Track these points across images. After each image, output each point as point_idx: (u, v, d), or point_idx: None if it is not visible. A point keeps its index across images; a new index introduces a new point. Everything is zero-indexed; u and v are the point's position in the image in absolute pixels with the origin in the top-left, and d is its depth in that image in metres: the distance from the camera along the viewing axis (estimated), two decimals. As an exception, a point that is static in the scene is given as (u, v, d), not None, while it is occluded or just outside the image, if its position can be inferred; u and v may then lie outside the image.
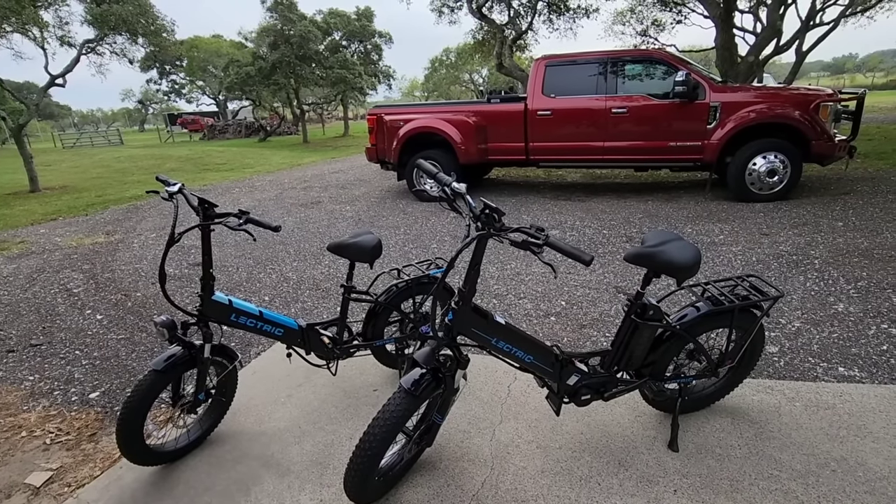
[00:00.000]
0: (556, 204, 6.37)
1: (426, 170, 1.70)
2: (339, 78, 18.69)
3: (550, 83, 6.43)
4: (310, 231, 5.80)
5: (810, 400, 2.16)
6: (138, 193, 9.53)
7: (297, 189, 9.00)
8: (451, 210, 1.61)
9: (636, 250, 1.70)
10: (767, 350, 2.63)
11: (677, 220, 5.19)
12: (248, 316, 2.01)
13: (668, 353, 1.89)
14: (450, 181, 1.62)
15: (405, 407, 1.52)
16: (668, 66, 5.96)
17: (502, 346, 1.63)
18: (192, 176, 11.98)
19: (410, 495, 1.77)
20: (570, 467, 1.86)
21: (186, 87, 37.23)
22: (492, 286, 3.77)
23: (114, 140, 30.08)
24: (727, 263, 3.89)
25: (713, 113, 5.64)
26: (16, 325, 3.56)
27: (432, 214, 6.20)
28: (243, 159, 14.94)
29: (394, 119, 7.14)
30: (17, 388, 2.71)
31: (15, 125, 10.15)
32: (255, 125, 25.34)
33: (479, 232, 1.46)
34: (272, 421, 2.26)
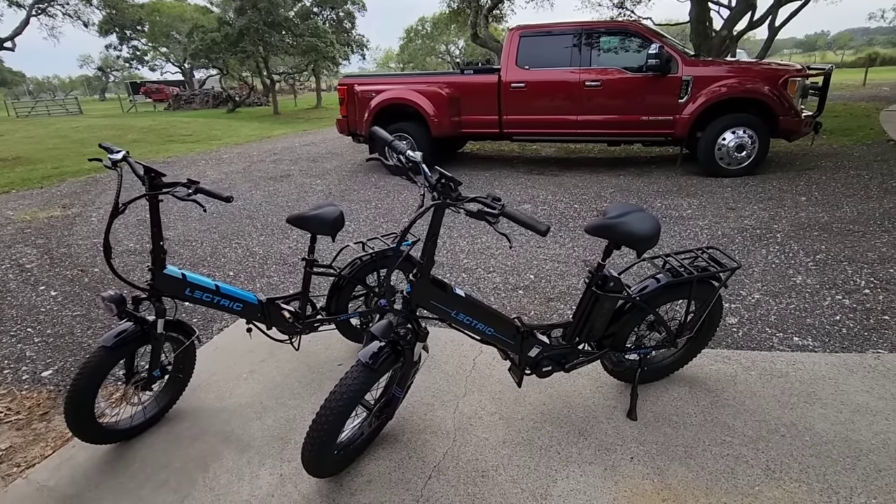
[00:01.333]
0: (530, 178, 6.36)
1: (381, 137, 1.65)
2: (310, 46, 18.04)
3: (525, 54, 6.33)
4: (278, 205, 5.66)
5: (765, 369, 2.22)
6: (98, 166, 9.11)
7: (266, 162, 8.75)
8: (407, 180, 1.56)
9: (597, 222, 1.69)
10: (727, 321, 2.69)
11: (648, 195, 5.23)
12: (204, 290, 1.94)
13: (629, 324, 1.91)
14: (405, 149, 1.57)
15: (362, 381, 1.50)
16: (642, 38, 5.92)
17: (462, 319, 1.61)
18: (155, 147, 11.54)
19: (372, 468, 1.76)
20: (531, 437, 1.88)
21: (149, 53, 35.57)
22: (461, 260, 3.75)
23: (72, 109, 28.68)
24: (693, 237, 3.95)
25: (685, 87, 5.66)
26: None
27: (404, 188, 6.11)
28: (210, 130, 14.44)
29: (365, 90, 6.95)
30: (-36, 367, 2.59)
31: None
32: (224, 95, 24.43)
33: (435, 202, 1.42)
34: (233, 397, 2.22)
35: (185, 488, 1.71)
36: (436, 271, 3.58)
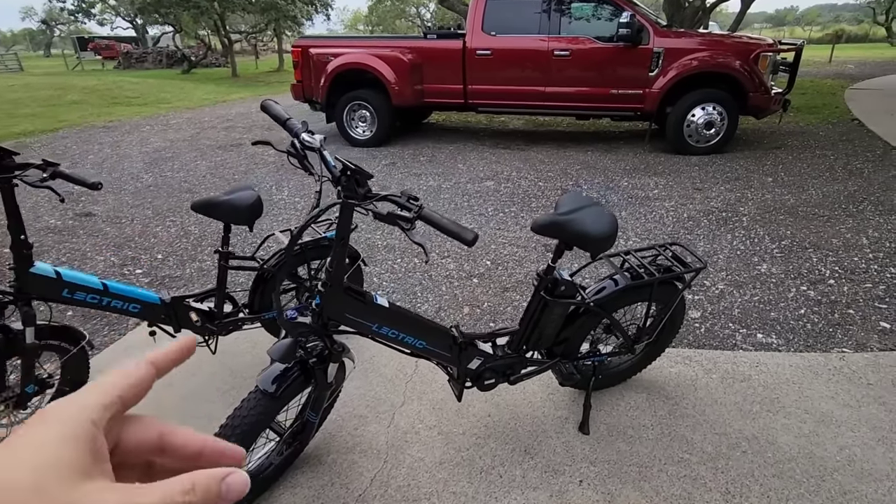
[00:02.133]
0: (495, 153, 6.08)
1: (274, 114, 1.35)
2: (270, 4, 16.90)
3: (491, 19, 5.94)
4: (224, 178, 5.24)
5: (727, 371, 2.08)
6: (30, 129, 8.37)
7: (217, 129, 8.18)
8: (301, 168, 1.28)
9: (545, 218, 1.45)
10: (690, 315, 2.53)
11: (614, 173, 5.04)
12: (88, 291, 1.63)
13: (583, 330, 1.70)
14: (299, 130, 1.28)
15: (262, 409, 1.25)
16: (614, 6, 5.61)
17: (386, 332, 1.36)
18: (97, 110, 10.71)
19: (287, 498, 1.53)
20: (472, 456, 1.68)
21: (97, 6, 33.00)
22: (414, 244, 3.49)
23: (12, 66, 26.60)
24: (659, 220, 3.78)
25: (656, 59, 5.42)
26: None
27: (362, 161, 5.73)
28: (160, 93, 13.52)
29: (321, 53, 6.45)
30: None
31: None
32: (178, 55, 22.94)
33: (340, 199, 1.14)
34: (137, 408, 1.93)
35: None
36: (385, 255, 3.35)
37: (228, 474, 0.28)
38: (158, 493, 0.25)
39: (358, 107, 6.40)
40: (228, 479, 0.27)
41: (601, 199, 4.24)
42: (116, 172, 5.48)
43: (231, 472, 0.28)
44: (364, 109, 6.39)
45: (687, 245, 1.78)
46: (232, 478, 0.28)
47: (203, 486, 0.26)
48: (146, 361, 0.32)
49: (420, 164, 5.61)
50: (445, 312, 2.63)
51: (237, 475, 0.28)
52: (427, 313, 2.63)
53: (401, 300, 2.76)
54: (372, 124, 6.43)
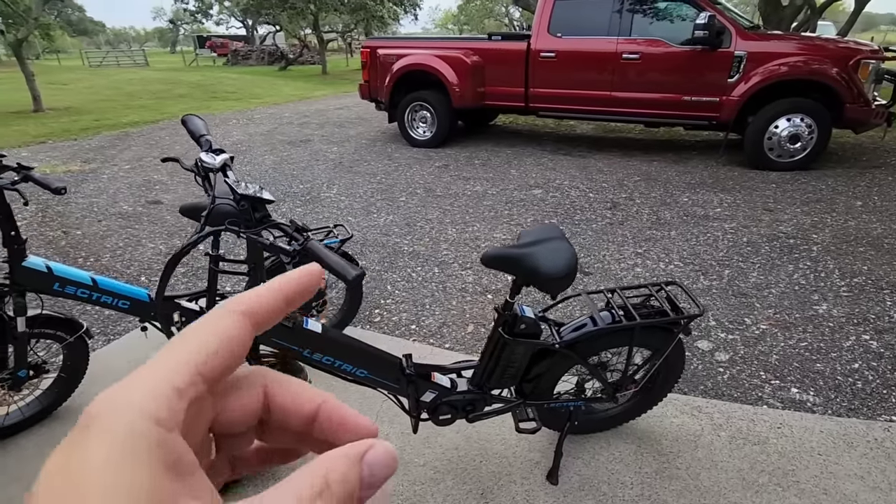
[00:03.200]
0: (553, 159, 5.84)
1: (190, 129, 1.34)
2: (359, 4, 17.54)
3: (558, 21, 5.70)
4: (283, 173, 5.48)
5: (740, 430, 1.81)
6: (137, 120, 9.30)
7: (293, 125, 8.60)
8: (203, 187, 1.25)
9: (496, 251, 1.32)
10: (716, 357, 2.25)
11: (676, 186, 4.65)
12: (77, 285, 1.74)
13: (553, 372, 1.55)
14: (203, 149, 1.25)
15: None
16: (693, 6, 5.16)
17: (319, 360, 1.31)
18: (197, 104, 11.66)
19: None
20: (423, 493, 1.60)
21: (215, 7, 36.13)
22: (441, 251, 3.42)
23: (139, 61, 29.79)
24: (711, 243, 3.42)
25: (737, 64, 4.91)
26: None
27: (417, 163, 5.77)
28: (253, 88, 14.49)
29: (388, 54, 6.56)
30: None
31: (14, 40, 9.89)
32: (278, 52, 24.49)
33: (216, 227, 1.09)
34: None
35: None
36: (407, 261, 3.31)
37: (368, 449, 0.20)
38: None
39: (419, 107, 6.43)
40: (369, 458, 0.20)
41: (653, 218, 3.92)
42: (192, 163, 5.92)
43: (371, 446, 0.20)
44: (425, 110, 6.41)
45: (686, 286, 1.55)
46: (373, 454, 0.20)
47: (339, 476, 0.19)
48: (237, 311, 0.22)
49: (473, 167, 5.52)
50: (448, 329, 2.54)
51: (379, 448, 0.20)
52: (430, 328, 2.56)
53: (407, 311, 2.70)
54: (432, 125, 6.43)
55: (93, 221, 4.11)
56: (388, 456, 0.20)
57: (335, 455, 0.19)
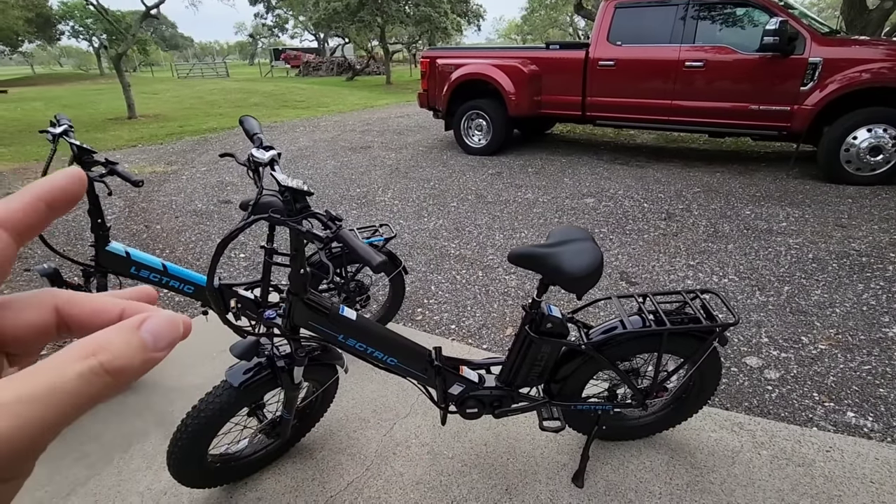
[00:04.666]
0: (609, 168, 5.74)
1: (246, 128, 1.46)
2: (424, 16, 18.00)
3: (618, 29, 5.62)
4: (343, 177, 5.73)
5: (783, 450, 1.73)
6: (215, 126, 10.01)
7: (355, 132, 8.95)
8: (253, 180, 1.36)
9: (522, 249, 1.36)
10: (765, 375, 2.15)
11: (739, 199, 4.44)
12: (151, 270, 1.94)
13: (581, 373, 1.56)
14: (255, 145, 1.37)
15: (226, 400, 1.38)
16: (764, 11, 4.93)
17: (353, 345, 1.40)
18: (269, 112, 12.37)
19: (270, 484, 1.66)
20: (450, 483, 1.65)
21: (290, 21, 38.20)
22: (487, 255, 3.47)
23: (221, 73, 31.94)
24: (772, 258, 3.25)
25: (811, 71, 4.64)
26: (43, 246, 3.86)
27: (471, 170, 5.86)
28: (321, 98, 15.18)
29: (446, 63, 6.71)
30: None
31: (115, 54, 10.93)
32: (346, 63, 25.53)
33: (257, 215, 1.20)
34: (192, 376, 2.24)
35: (99, 466, 1.75)
36: (453, 264, 3.37)
37: (144, 320, 0.21)
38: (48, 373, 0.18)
39: (475, 116, 6.52)
40: (147, 325, 0.20)
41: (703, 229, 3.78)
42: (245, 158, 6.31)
43: (147, 317, 0.21)
44: (481, 118, 6.49)
45: (722, 294, 1.52)
46: (151, 322, 0.21)
47: (116, 344, 0.20)
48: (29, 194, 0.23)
49: (526, 175, 5.53)
50: (488, 330, 2.58)
51: (157, 317, 0.21)
52: (470, 329, 2.61)
53: (448, 312, 2.77)
54: (487, 133, 6.50)
55: (171, 217, 4.48)
56: (169, 322, 0.21)
57: (111, 327, 0.21)
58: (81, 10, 33.34)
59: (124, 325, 0.21)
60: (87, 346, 0.19)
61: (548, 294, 1.44)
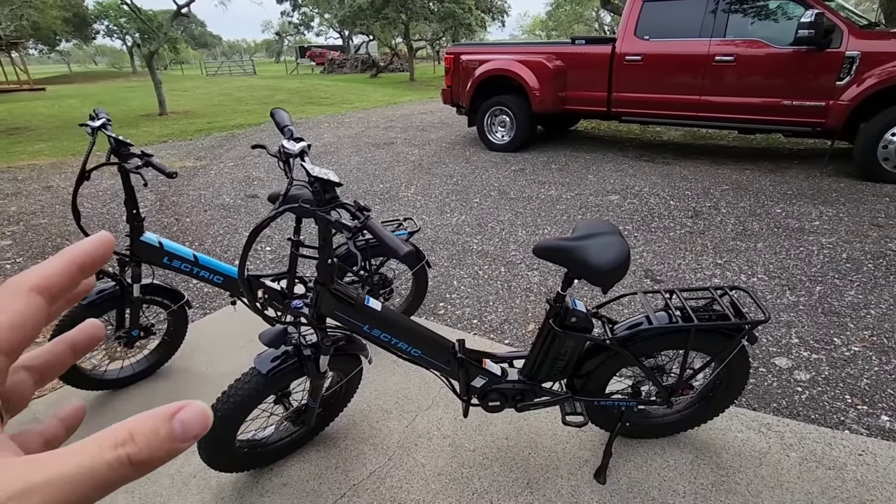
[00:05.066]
0: (634, 165, 5.66)
1: (277, 120, 1.49)
2: (448, 13, 17.98)
3: (646, 23, 5.53)
4: (366, 172, 5.78)
5: (813, 452, 1.69)
6: (242, 122, 10.19)
7: (379, 128, 9.01)
8: (283, 171, 1.39)
9: (547, 242, 1.35)
10: (795, 376, 2.10)
11: (769, 197, 4.33)
12: (182, 260, 2.00)
13: (605, 368, 1.55)
14: (286, 137, 1.39)
15: (254, 387, 1.41)
16: (798, 3, 4.78)
17: (378, 335, 1.42)
18: (295, 108, 12.53)
19: (294, 471, 1.69)
20: (471, 475, 1.65)
21: (315, 20, 38.57)
22: (510, 251, 3.46)
23: (248, 70, 32.50)
24: (804, 258, 3.16)
25: (848, 65, 4.49)
26: (81, 236, 3.99)
27: (494, 166, 5.84)
28: (346, 94, 15.31)
29: (470, 59, 6.70)
30: (49, 296, 3.05)
31: (147, 53, 11.22)
32: (370, 60, 25.69)
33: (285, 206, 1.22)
34: (220, 364, 2.29)
35: (132, 448, 1.81)
36: (475, 259, 3.37)
37: (180, 409, 0.22)
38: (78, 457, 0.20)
39: (499, 112, 6.50)
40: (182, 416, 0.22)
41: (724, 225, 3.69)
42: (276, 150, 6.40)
43: (184, 406, 0.22)
44: (504, 115, 6.47)
45: (751, 291, 1.48)
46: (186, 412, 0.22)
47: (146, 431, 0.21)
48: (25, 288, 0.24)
49: (549, 171, 5.49)
50: (510, 325, 2.58)
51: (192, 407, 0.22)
52: (492, 324, 2.62)
53: (470, 307, 2.78)
54: (510, 129, 6.47)
55: (200, 211, 4.59)
56: (201, 414, 0.22)
57: (147, 414, 0.22)
58: (116, 9, 34.31)
59: (159, 414, 0.22)
60: (118, 434, 0.21)
61: (572, 288, 1.43)
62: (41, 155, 7.30)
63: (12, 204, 4.81)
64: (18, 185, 5.48)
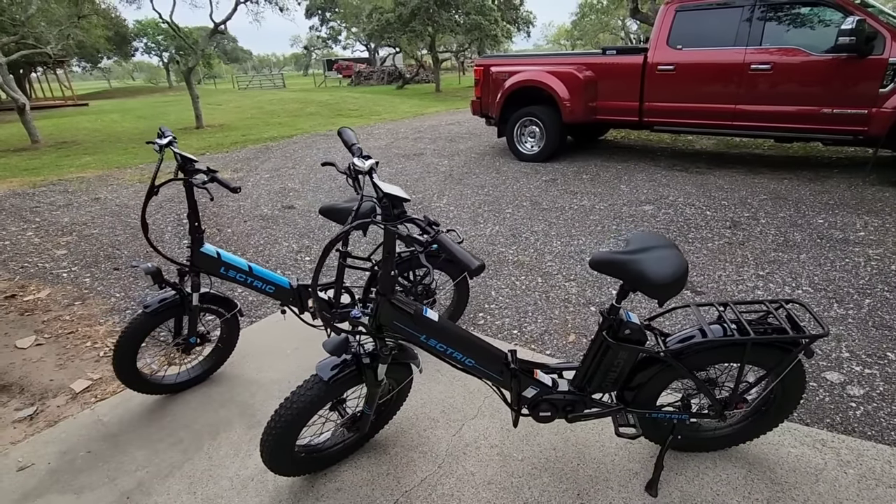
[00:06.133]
0: (668, 175, 5.61)
1: (344, 139, 1.55)
2: (474, 25, 18.16)
3: (679, 32, 5.50)
4: (399, 183, 5.87)
5: (871, 469, 1.65)
6: (275, 135, 10.46)
7: (408, 139, 9.13)
8: (353, 188, 1.45)
9: (603, 255, 1.38)
10: (849, 392, 2.06)
11: (810, 207, 4.24)
12: (238, 270, 2.08)
13: (657, 381, 1.55)
14: (355, 155, 1.45)
15: (316, 393, 1.46)
16: (838, 10, 4.70)
17: (434, 345, 1.46)
18: (325, 120, 12.80)
19: (348, 476, 1.74)
20: (521, 485, 1.67)
21: (343, 33, 39.45)
22: (546, 263, 3.47)
23: (278, 84, 33.31)
24: (850, 269, 3.09)
25: (891, 73, 4.38)
26: (130, 246, 4.18)
27: (524, 176, 5.87)
28: (374, 106, 15.56)
29: (500, 71, 6.76)
30: (104, 303, 3.20)
31: (185, 68, 11.65)
32: (396, 72, 26.08)
33: (367, 219, 1.27)
34: (270, 371, 2.37)
35: (192, 452, 1.89)
36: (511, 270, 3.40)
37: None
38: None
39: (528, 122, 6.53)
40: None
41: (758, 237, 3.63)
42: (321, 173, 6.56)
43: None
44: (534, 125, 6.50)
45: (808, 305, 1.47)
46: None
47: None
48: None
49: (581, 181, 5.49)
50: (550, 336, 2.60)
51: None
52: (532, 334, 2.63)
53: (510, 317, 2.80)
54: (540, 140, 6.49)
55: (240, 222, 4.74)
56: None
57: None
58: (154, 27, 35.71)
59: None
60: None
61: (626, 301, 1.45)
62: (88, 168, 7.63)
63: (65, 215, 5.05)
64: (69, 197, 5.74)
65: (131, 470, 1.81)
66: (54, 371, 2.48)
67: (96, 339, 2.77)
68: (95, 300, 3.24)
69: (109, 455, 1.88)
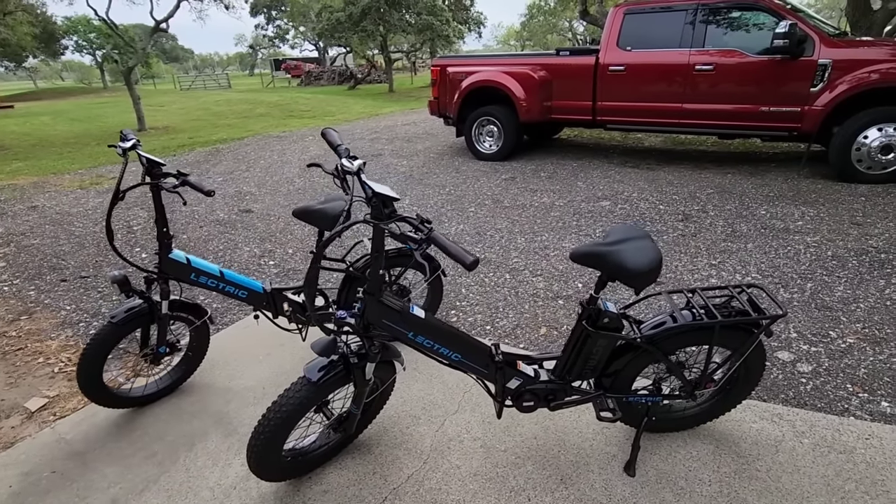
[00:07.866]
0: (621, 171, 5.83)
1: (329, 140, 1.55)
2: (426, 25, 18.22)
3: (628, 34, 5.73)
4: (359, 185, 5.81)
5: (824, 438, 1.80)
6: (225, 137, 10.11)
7: (364, 140, 9.05)
8: (342, 189, 1.46)
9: (584, 247, 1.44)
10: (798, 368, 2.23)
11: (753, 199, 4.52)
12: (209, 276, 2.03)
13: (633, 366, 1.63)
14: (342, 155, 1.46)
15: (305, 395, 1.45)
16: (772, 14, 5.03)
17: (421, 342, 1.48)
18: (276, 122, 12.49)
19: (333, 478, 1.73)
20: (506, 474, 1.72)
21: (290, 32, 38.56)
22: (511, 259, 3.55)
23: (223, 84, 32.18)
24: (792, 256, 3.33)
25: (821, 73, 4.74)
26: (77, 256, 3.95)
27: (484, 175, 5.95)
28: (327, 107, 15.32)
29: (457, 71, 6.82)
30: (54, 316, 3.02)
31: (124, 68, 11.08)
32: (347, 72, 25.76)
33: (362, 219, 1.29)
34: (242, 378, 2.31)
35: (168, 464, 1.82)
36: (479, 268, 3.45)
37: None
38: None
39: (486, 122, 6.63)
40: None
41: (733, 228, 3.86)
42: (277, 176, 6.41)
43: None
44: (492, 125, 6.60)
45: (767, 288, 1.59)
46: None
47: None
48: None
49: (539, 179, 5.62)
50: (522, 330, 2.66)
51: None
52: (504, 329, 2.69)
53: (481, 313, 2.85)
54: (498, 139, 6.60)
55: (196, 227, 4.57)
56: None
57: None
58: (85, 24, 33.69)
59: None
60: None
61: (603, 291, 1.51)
62: (20, 174, 7.14)
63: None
64: (2, 206, 5.37)
65: (103, 487, 1.73)
66: (4, 390, 2.33)
67: (49, 354, 2.62)
68: (44, 314, 3.05)
69: (77, 474, 1.79)
